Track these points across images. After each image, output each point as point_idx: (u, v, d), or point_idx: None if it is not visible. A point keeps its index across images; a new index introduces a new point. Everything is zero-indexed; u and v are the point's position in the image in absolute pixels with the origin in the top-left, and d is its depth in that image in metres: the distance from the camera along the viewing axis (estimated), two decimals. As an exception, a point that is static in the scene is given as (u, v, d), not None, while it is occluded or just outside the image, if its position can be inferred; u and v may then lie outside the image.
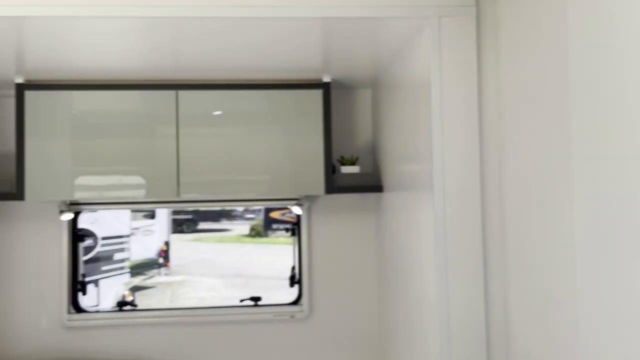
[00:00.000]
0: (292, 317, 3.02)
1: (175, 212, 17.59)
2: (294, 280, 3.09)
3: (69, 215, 2.87)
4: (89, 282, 2.97)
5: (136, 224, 10.78)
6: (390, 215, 2.71)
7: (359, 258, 3.07)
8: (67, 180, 2.66)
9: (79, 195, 2.69)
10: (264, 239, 17.58)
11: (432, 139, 1.94)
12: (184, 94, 2.72)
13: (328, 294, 3.06)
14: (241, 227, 19.28)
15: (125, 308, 3.05)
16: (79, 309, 2.99)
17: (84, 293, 3.02)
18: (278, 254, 14.85)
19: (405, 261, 2.39)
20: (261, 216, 18.32)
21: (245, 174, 2.74)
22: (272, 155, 2.74)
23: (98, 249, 7.75)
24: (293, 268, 3.11)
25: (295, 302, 3.08)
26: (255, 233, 18.17)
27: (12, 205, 2.95)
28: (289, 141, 2.75)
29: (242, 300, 3.09)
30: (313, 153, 2.74)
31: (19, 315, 2.94)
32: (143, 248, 10.92)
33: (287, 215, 17.25)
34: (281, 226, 17.42)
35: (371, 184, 2.83)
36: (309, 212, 3.06)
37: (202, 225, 19.28)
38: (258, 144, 2.74)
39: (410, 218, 2.29)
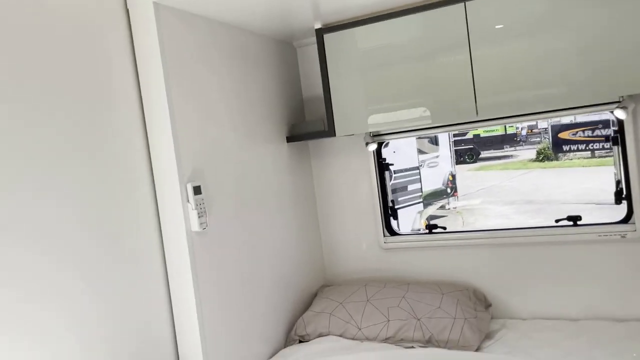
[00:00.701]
0: (623, 236, 2.58)
1: (457, 143, 17.49)
2: (622, 195, 2.62)
3: (374, 146, 2.99)
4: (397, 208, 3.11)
5: (422, 157, 11.04)
6: None
7: None
8: (366, 113, 2.75)
9: (380, 127, 2.75)
10: (554, 163, 16.11)
11: None
12: (472, 5, 2.47)
13: (669, 210, 2.51)
14: (526, 152, 18.08)
15: (435, 231, 3.09)
16: (392, 232, 3.16)
17: (395, 218, 3.17)
18: (573, 177, 13.46)
19: None
20: (549, 138, 16.82)
21: (551, 82, 2.36)
22: (582, 52, 2.29)
23: (392, 181, 8.22)
24: (619, 182, 2.63)
25: (625, 221, 2.62)
26: (543, 157, 16.80)
27: (324, 142, 3.24)
28: (603, 29, 2.25)
29: (557, 221, 2.78)
30: (636, 43, 2.20)
31: (344, 239, 3.26)
32: (431, 179, 11.16)
33: (580, 134, 15.43)
34: (573, 147, 15.70)
35: None
36: (634, 115, 2.51)
37: (485, 154, 18.70)
38: (561, 41, 2.32)
39: None
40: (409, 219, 8.73)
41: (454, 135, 17.27)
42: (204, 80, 2.42)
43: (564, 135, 15.99)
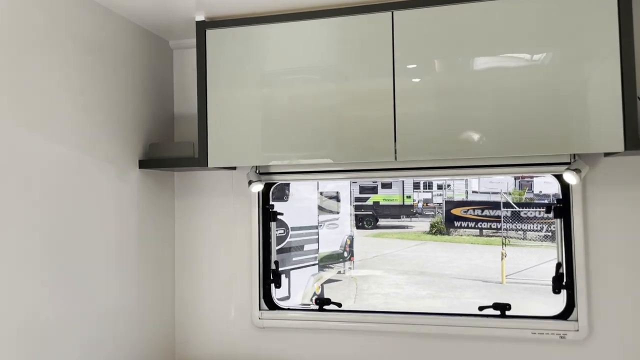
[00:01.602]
0: (562, 337, 1.95)
1: (357, 208, 17.31)
2: (562, 283, 2.02)
3: (259, 187, 2.19)
4: (282, 272, 2.34)
5: (322, 217, 10.55)
6: None
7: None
8: (252, 141, 1.98)
9: (269, 161, 1.99)
10: (445, 237, 16.44)
11: None
12: (401, 15, 1.85)
13: (618, 307, 1.93)
14: (421, 224, 18.40)
15: (327, 307, 2.29)
16: (272, 305, 2.32)
17: (278, 285, 2.33)
18: (462, 253, 13.68)
19: None
20: (442, 213, 17.24)
21: (486, 128, 1.78)
22: (526, 97, 1.73)
23: (289, 239, 7.39)
24: (559, 266, 2.03)
25: (565, 316, 2.00)
26: (435, 230, 17.18)
27: (196, 176, 2.39)
28: (556, 74, 1.71)
29: (481, 309, 2.12)
30: (600, 88, 1.67)
31: (206, 309, 2.35)
32: (329, 241, 10.63)
33: (471, 212, 15.92)
34: (464, 223, 16.11)
35: None
36: (584, 183, 1.97)
37: (383, 222, 18.79)
38: (503, 81, 1.76)
39: None
40: (303, 281, 7.93)
41: (355, 200, 17.13)
42: (28, 64, 1.53)
43: (457, 211, 16.52)
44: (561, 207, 2.01)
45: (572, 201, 1.96)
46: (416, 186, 20.51)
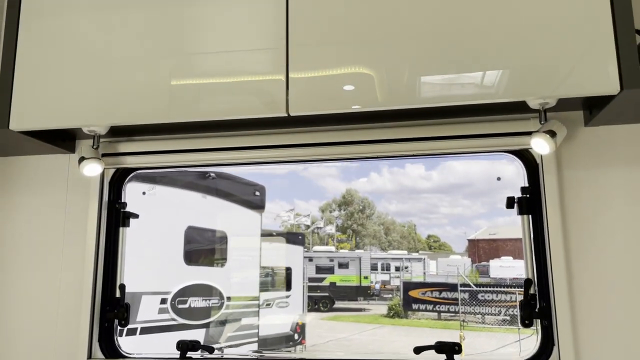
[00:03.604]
0: (542, 394, 1.23)
1: (312, 289, 16.39)
2: (535, 310, 1.32)
3: (95, 168, 1.45)
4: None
5: (270, 295, 9.68)
6: None
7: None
8: (83, 94, 1.31)
9: (103, 121, 1.32)
10: (403, 320, 15.66)
11: None
12: None
13: (621, 341, 1.25)
14: (379, 307, 17.65)
15: (193, 355, 1.49)
16: (113, 352, 1.51)
17: (123, 323, 1.53)
18: (420, 337, 12.91)
19: None
20: (400, 296, 16.58)
21: (422, 60, 1.19)
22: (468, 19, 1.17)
23: (224, 310, 6.40)
24: (529, 284, 1.34)
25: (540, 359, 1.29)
26: (393, 313, 16.43)
27: (12, 161, 1.63)
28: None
29: (418, 351, 1.39)
30: (581, 18, 1.13)
31: (11, 351, 1.52)
32: (277, 321, 9.63)
33: (429, 294, 15.34)
34: (422, 306, 15.49)
35: None
36: (558, 163, 1.34)
37: (339, 304, 17.95)
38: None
39: None
40: (238, 362, 6.84)
41: (310, 280, 16.27)
42: None
43: (414, 293, 16.16)
44: (529, 199, 1.37)
45: (544, 187, 1.33)
46: (374, 267, 20.06)
